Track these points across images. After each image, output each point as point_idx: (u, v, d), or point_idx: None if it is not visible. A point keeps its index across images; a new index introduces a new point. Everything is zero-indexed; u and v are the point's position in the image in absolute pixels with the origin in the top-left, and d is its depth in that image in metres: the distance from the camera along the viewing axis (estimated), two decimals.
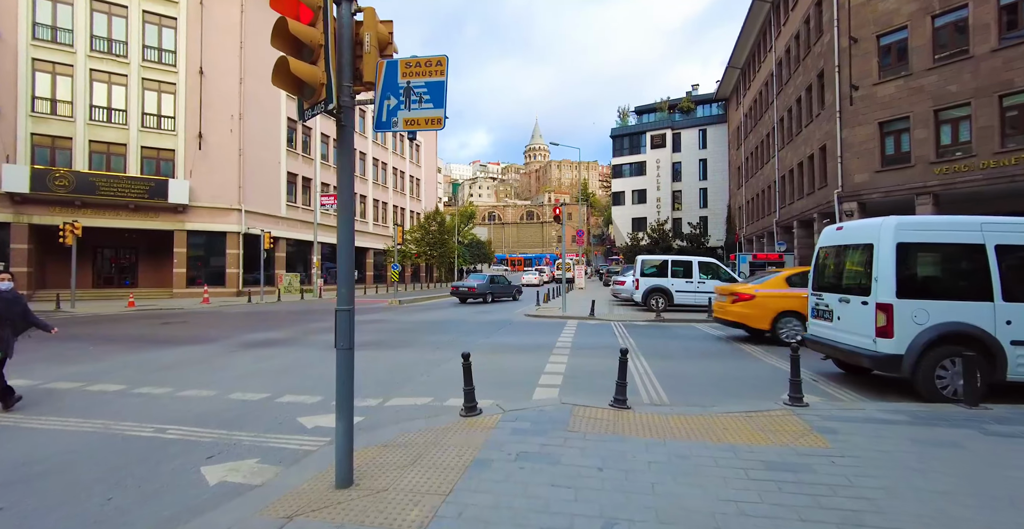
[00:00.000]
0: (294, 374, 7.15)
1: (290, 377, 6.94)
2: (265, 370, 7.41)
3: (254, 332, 11.95)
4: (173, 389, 6.27)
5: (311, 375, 7.05)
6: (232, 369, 7.57)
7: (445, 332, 11.85)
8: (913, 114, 19.33)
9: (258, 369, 7.47)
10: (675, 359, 8.07)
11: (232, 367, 7.73)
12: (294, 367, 7.68)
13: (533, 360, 7.99)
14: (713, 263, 16.29)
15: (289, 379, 6.81)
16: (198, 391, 6.17)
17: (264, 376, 7.02)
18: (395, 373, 7.11)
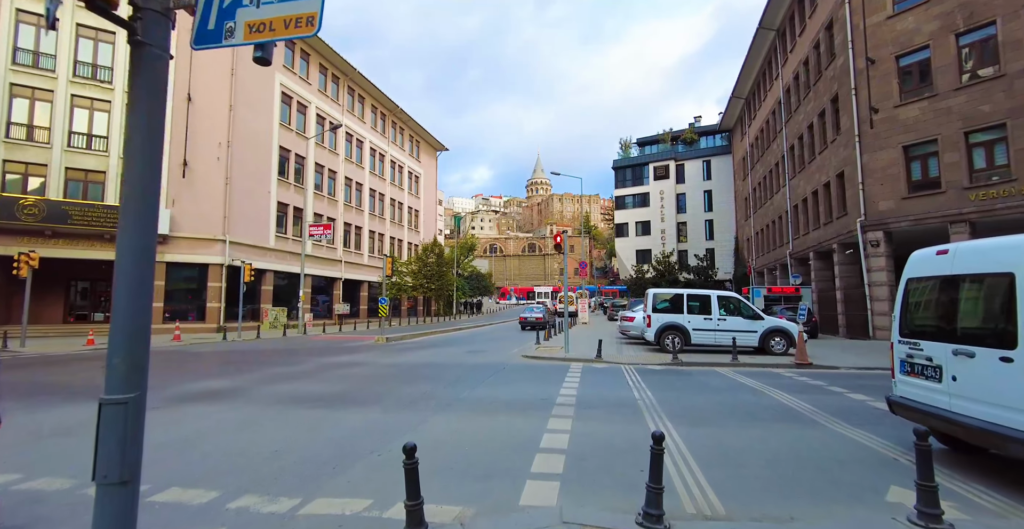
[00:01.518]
0: (207, 446, 5.34)
1: (196, 452, 5.12)
2: (173, 441, 5.60)
3: (201, 379, 10.13)
4: (23, 476, 4.48)
5: (232, 449, 5.24)
6: None
7: (426, 379, 10.01)
8: (941, 137, 17.96)
9: (166, 440, 5.65)
10: (711, 424, 6.21)
11: None
12: (214, 433, 5.86)
13: (527, 425, 6.15)
14: (734, 297, 14.52)
15: (192, 456, 5.00)
16: (50, 480, 4.37)
17: (167, 450, 5.22)
18: (342, 446, 5.29)
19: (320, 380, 10.05)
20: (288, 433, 5.87)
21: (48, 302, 25.40)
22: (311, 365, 12.45)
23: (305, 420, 6.51)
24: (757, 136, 38.34)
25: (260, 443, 5.40)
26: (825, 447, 5.21)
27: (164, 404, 7.69)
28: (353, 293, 39.02)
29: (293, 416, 6.76)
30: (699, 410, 7.01)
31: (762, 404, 7.44)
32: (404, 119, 46.91)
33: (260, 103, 28.96)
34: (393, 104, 43.72)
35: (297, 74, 32.38)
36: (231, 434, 5.83)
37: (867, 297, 20.32)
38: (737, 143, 46.92)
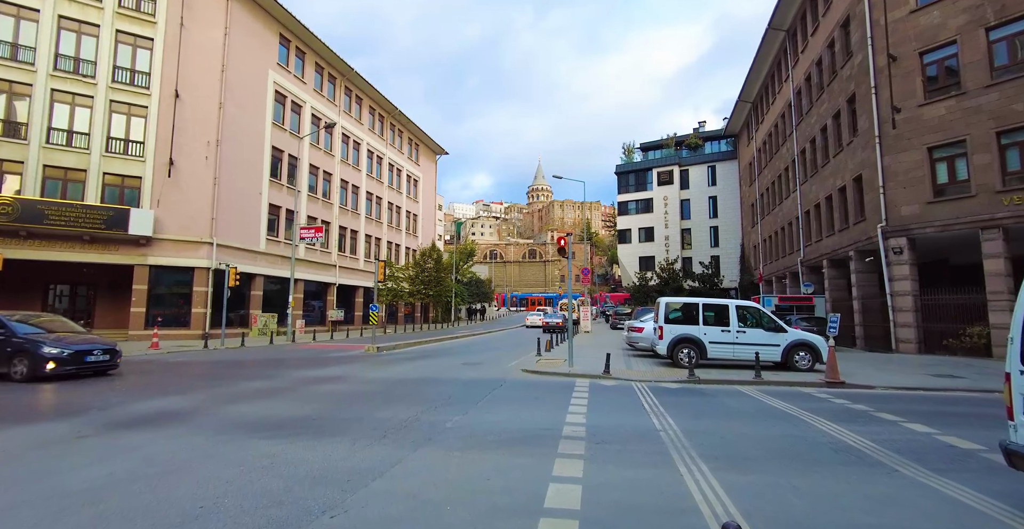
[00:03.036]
0: (114, 500, 4.12)
1: (92, 511, 3.91)
2: (79, 489, 4.38)
3: (156, 396, 8.91)
4: None
5: (141, 506, 4.02)
6: (35, 481, 4.56)
7: (411, 400, 8.77)
8: (970, 137, 16.84)
9: (71, 487, 4.44)
10: (759, 468, 4.97)
11: (45, 473, 4.74)
12: (132, 478, 4.64)
13: (526, 470, 4.93)
14: (754, 307, 13.31)
15: (82, 519, 3.78)
16: None
17: (56, 505, 4.02)
18: (287, 502, 4.06)
19: (291, 399, 8.83)
20: (227, 477, 4.66)
21: (24, 307, 24.08)
22: (287, 380, 11.22)
23: (256, 457, 5.30)
24: (765, 140, 37.28)
25: (182, 496, 4.19)
26: (923, 513, 3.97)
27: (97, 431, 6.47)
28: (348, 299, 37.82)
29: (242, 451, 5.55)
30: (737, 447, 5.78)
31: (810, 439, 6.20)
32: (403, 121, 45.92)
33: (252, 101, 27.92)
34: (392, 106, 42.75)
35: (292, 73, 31.38)
36: (154, 479, 4.61)
37: (889, 307, 19.11)
38: (743, 148, 45.89)
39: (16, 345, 10.66)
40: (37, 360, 10.47)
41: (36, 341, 10.76)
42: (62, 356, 10.66)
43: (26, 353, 10.54)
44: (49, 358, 10.53)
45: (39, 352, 10.52)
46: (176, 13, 24.62)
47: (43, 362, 10.49)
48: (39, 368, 10.46)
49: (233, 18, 26.47)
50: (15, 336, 10.80)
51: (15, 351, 10.57)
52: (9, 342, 10.71)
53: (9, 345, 10.66)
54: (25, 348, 10.58)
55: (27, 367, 10.48)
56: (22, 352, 10.56)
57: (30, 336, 10.91)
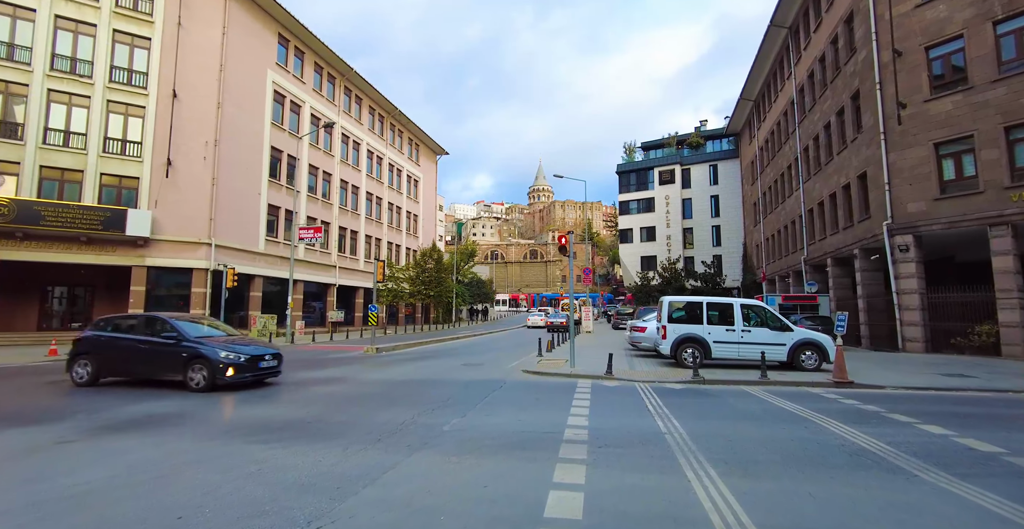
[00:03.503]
0: (90, 511, 3.90)
1: (64, 525, 3.69)
2: (56, 497, 4.16)
3: (146, 400, 8.69)
4: None
5: (119, 515, 3.80)
6: (14, 489, 4.36)
7: (410, 402, 8.54)
8: (978, 132, 16.57)
9: (49, 495, 4.23)
10: (770, 474, 4.72)
11: (27, 480, 4.54)
12: (114, 487, 4.42)
13: (526, 475, 4.70)
14: (759, 306, 13.05)
15: (67, 524, 3.57)
16: None
17: (47, 508, 3.81)
18: (271, 511, 3.84)
19: (287, 402, 8.61)
20: (211, 485, 4.44)
21: (21, 308, 24.02)
22: (284, 382, 10.99)
23: (244, 463, 5.08)
24: (767, 138, 37.01)
25: (162, 505, 3.97)
26: (949, 523, 3.71)
27: (83, 435, 6.25)
28: (348, 299, 37.62)
29: (231, 456, 5.33)
30: (745, 450, 5.53)
31: (822, 441, 5.95)
32: (403, 122, 45.73)
33: (251, 101, 27.73)
34: (391, 106, 42.56)
35: (291, 72, 31.20)
36: (135, 487, 4.39)
37: (895, 306, 18.83)
38: (745, 147, 45.62)
39: (190, 350, 9.60)
40: (215, 367, 9.37)
41: (211, 345, 9.73)
42: (240, 362, 9.57)
43: (203, 359, 9.45)
44: (229, 364, 9.44)
45: (218, 357, 9.43)
46: (174, 12, 24.45)
47: (223, 369, 9.40)
48: (219, 376, 9.39)
49: (231, 17, 26.30)
50: (185, 339, 9.78)
51: (191, 357, 9.52)
52: (181, 347, 9.68)
53: (183, 350, 9.61)
54: (201, 353, 9.49)
55: (207, 375, 9.39)
56: (199, 358, 9.47)
57: (202, 339, 9.95)
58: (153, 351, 9.85)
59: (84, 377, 10.13)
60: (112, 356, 10.16)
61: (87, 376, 10.12)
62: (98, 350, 10.17)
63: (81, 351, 10.29)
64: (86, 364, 10.16)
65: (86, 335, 10.50)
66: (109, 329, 10.57)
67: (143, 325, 10.40)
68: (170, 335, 9.82)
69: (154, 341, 9.92)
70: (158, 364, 9.83)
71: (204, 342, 9.80)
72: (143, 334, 10.15)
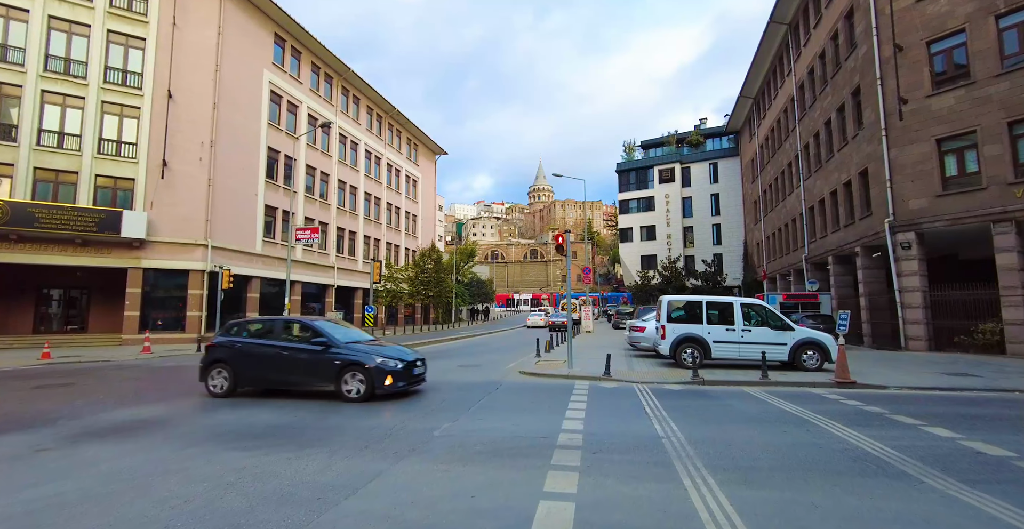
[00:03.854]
0: (64, 519, 3.72)
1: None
2: (18, 512, 3.97)
3: (131, 405, 8.51)
4: None
5: (85, 526, 3.61)
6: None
7: (400, 406, 8.33)
8: (981, 128, 16.35)
9: (9, 510, 4.04)
10: (772, 482, 4.52)
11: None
12: (81, 501, 4.24)
13: (516, 485, 4.50)
14: (759, 305, 12.84)
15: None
16: None
17: (11, 524, 3.62)
18: (239, 527, 3.64)
19: (275, 406, 8.41)
20: (187, 495, 4.25)
21: (16, 311, 23.89)
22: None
23: (222, 472, 4.88)
24: (767, 136, 36.78)
25: (132, 517, 3.79)
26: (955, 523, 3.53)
27: (60, 443, 6.07)
28: (347, 300, 37.44)
29: (210, 465, 5.13)
30: (745, 456, 5.32)
31: (825, 446, 5.74)
32: (402, 122, 45.54)
33: (247, 101, 27.56)
34: (389, 106, 42.38)
35: (287, 72, 31.02)
36: (106, 499, 4.20)
37: (897, 304, 18.62)
38: (745, 145, 45.39)
39: (343, 357, 8.80)
40: (373, 375, 8.61)
41: (364, 351, 8.99)
42: (398, 369, 8.78)
43: (359, 366, 8.67)
44: (387, 371, 8.67)
45: (375, 364, 8.68)
46: (168, 12, 24.28)
47: (381, 376, 8.63)
48: (377, 384, 8.61)
49: (227, 17, 26.13)
50: (334, 345, 8.96)
51: (345, 364, 8.72)
52: (332, 353, 8.86)
53: (335, 357, 8.80)
54: (356, 360, 8.73)
55: (364, 384, 8.61)
56: (354, 365, 8.70)
57: (352, 345, 9.19)
58: (300, 359, 8.97)
59: (221, 387, 9.21)
60: (251, 364, 9.25)
61: (224, 386, 9.20)
62: (235, 358, 9.29)
63: (216, 359, 9.38)
64: (222, 373, 9.27)
65: (219, 341, 9.64)
66: (244, 334, 9.73)
67: (283, 330, 9.61)
68: (319, 341, 9.00)
69: (300, 348, 9.07)
70: (307, 373, 8.98)
71: (355, 348, 9.06)
72: (285, 340, 9.34)
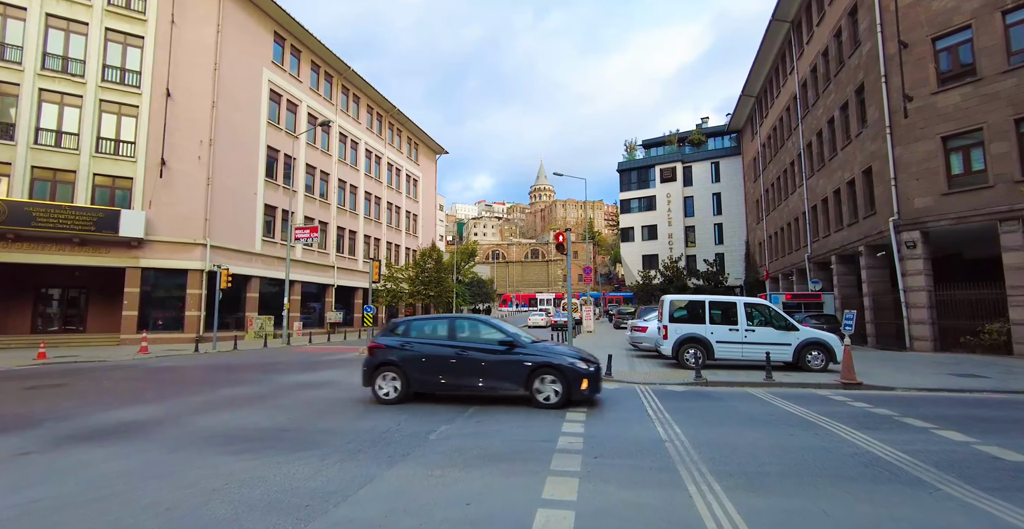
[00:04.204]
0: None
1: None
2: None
3: (122, 406, 8.33)
4: None
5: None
6: None
7: (395, 409, 8.16)
8: (987, 125, 16.13)
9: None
10: (780, 489, 4.32)
11: None
12: (57, 508, 4.07)
13: (513, 491, 4.31)
14: (763, 305, 12.64)
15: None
16: None
17: None
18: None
19: (268, 407, 8.24)
20: (170, 503, 4.08)
21: (15, 311, 23.76)
22: (270, 385, 10.64)
23: (209, 477, 4.71)
24: (769, 135, 36.56)
25: (110, 527, 3.59)
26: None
27: (45, 446, 5.89)
28: (347, 300, 37.31)
29: (197, 470, 4.96)
30: (752, 461, 5.13)
31: (834, 450, 5.55)
32: (402, 121, 45.38)
33: (246, 100, 27.41)
34: (390, 105, 42.21)
35: (287, 71, 30.87)
36: (86, 506, 4.03)
37: (902, 304, 18.40)
38: (747, 144, 45.16)
39: (535, 358, 8.02)
40: (570, 378, 7.84)
41: (555, 351, 8.37)
42: (592, 371, 8.03)
43: (554, 369, 7.90)
44: (583, 375, 7.88)
45: (574, 367, 7.89)
46: (167, 10, 24.13)
47: (577, 380, 7.85)
48: (573, 388, 7.85)
49: (225, 15, 25.98)
50: (520, 345, 8.20)
51: (537, 367, 7.93)
52: (520, 355, 8.07)
53: (526, 359, 8.01)
54: (551, 362, 7.94)
55: (561, 388, 7.83)
56: (548, 368, 7.92)
57: (539, 345, 8.50)
58: (483, 360, 8.18)
59: (392, 392, 8.39)
60: (426, 367, 8.40)
61: (395, 391, 8.38)
62: (407, 360, 8.45)
63: (384, 361, 8.54)
64: (392, 377, 8.43)
65: (385, 342, 8.81)
66: (413, 334, 8.91)
67: (456, 328, 8.75)
68: (503, 340, 8.25)
69: (481, 348, 8.30)
70: (493, 376, 8.15)
71: (543, 348, 8.39)
72: (464, 340, 8.53)
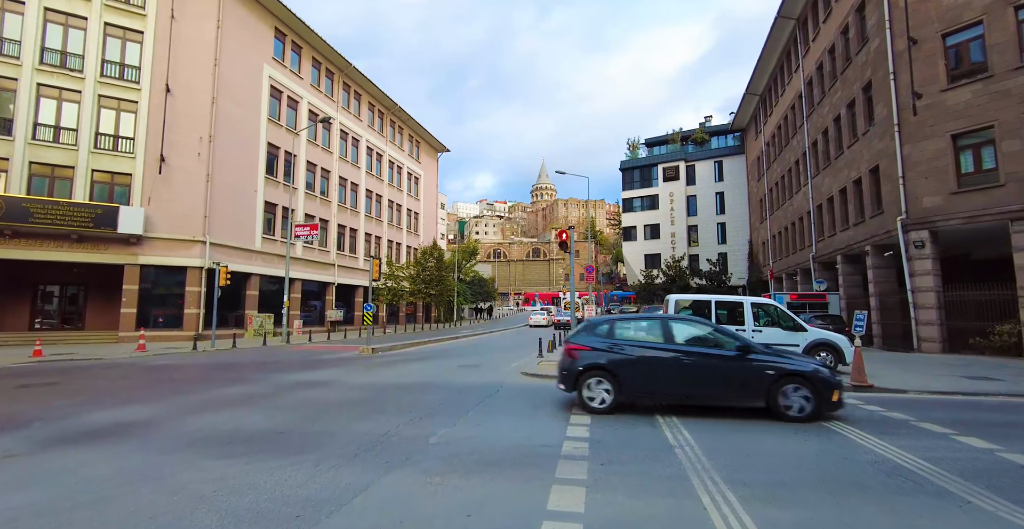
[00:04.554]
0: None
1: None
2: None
3: (113, 406, 8.12)
4: None
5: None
6: None
7: (395, 409, 7.93)
8: (998, 123, 15.84)
9: None
10: (796, 499, 4.05)
11: None
12: (35, 515, 3.86)
13: (515, 501, 4.07)
14: (771, 305, 12.40)
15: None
16: None
17: None
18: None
19: (264, 408, 8.02)
20: (154, 511, 3.86)
21: (13, 308, 23.58)
22: (267, 385, 10.42)
23: (198, 483, 4.48)
24: (774, 133, 36.25)
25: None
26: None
27: (30, 448, 5.68)
28: (348, 298, 37.11)
29: (186, 474, 4.74)
30: (767, 468, 4.90)
31: (851, 457, 5.31)
32: (403, 118, 45.13)
33: (246, 96, 27.19)
34: (391, 102, 41.96)
35: (288, 67, 30.64)
36: (64, 514, 3.81)
37: (910, 304, 18.12)
38: (751, 142, 44.84)
39: (776, 364, 7.17)
40: (820, 387, 6.97)
41: (799, 358, 7.60)
42: (839, 382, 7.28)
43: (800, 378, 7.03)
44: (833, 385, 7.06)
45: (825, 377, 7.07)
46: (167, 5, 23.90)
47: (828, 391, 7.00)
48: (824, 401, 6.99)
49: (226, 11, 25.74)
50: (753, 350, 7.39)
51: (783, 374, 7.06)
52: (757, 361, 7.22)
53: (766, 365, 7.14)
54: (796, 370, 7.08)
55: (811, 399, 6.96)
56: (793, 377, 7.04)
57: (779, 349, 7.83)
58: (713, 367, 7.32)
59: (605, 401, 7.46)
60: (643, 373, 7.53)
61: (608, 399, 7.46)
62: (619, 365, 7.54)
63: (592, 365, 7.60)
64: (602, 384, 7.51)
65: (588, 343, 7.88)
66: (619, 335, 7.94)
67: (671, 331, 7.80)
68: (736, 344, 7.45)
69: (708, 353, 7.42)
70: (727, 384, 7.32)
71: (780, 354, 7.51)
72: (684, 344, 7.66)
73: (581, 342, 7.98)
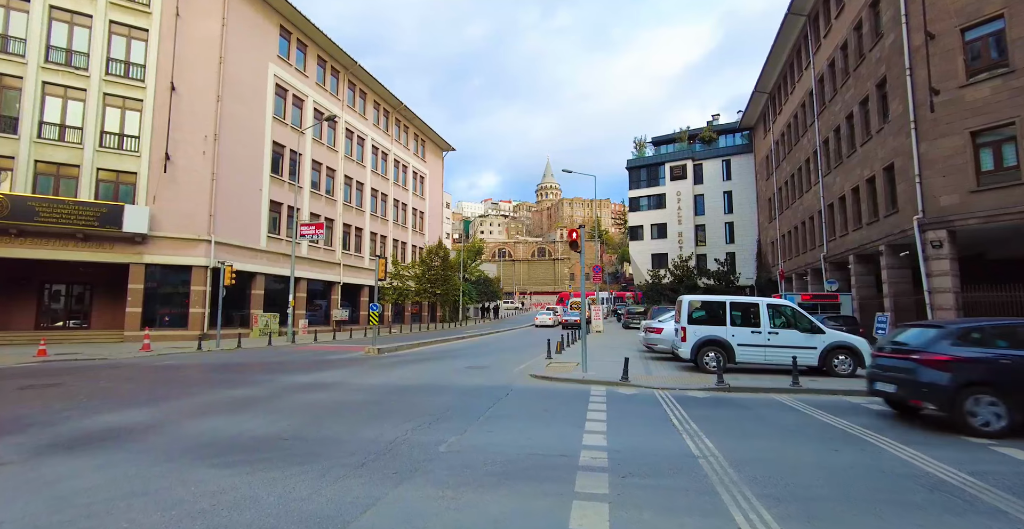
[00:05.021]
0: None
1: None
2: None
3: (112, 410, 7.91)
4: None
5: None
6: None
7: (403, 413, 7.67)
8: (1020, 119, 15.42)
9: None
10: (836, 517, 3.75)
11: None
12: (30, 525, 3.62)
13: (534, 520, 3.80)
14: (788, 306, 12.07)
15: None
16: None
17: None
18: None
19: (267, 412, 7.78)
20: (144, 527, 3.59)
21: (18, 307, 23.51)
22: (271, 387, 10.18)
23: (195, 496, 4.24)
24: (783, 132, 35.77)
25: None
26: None
27: (24, 455, 5.45)
28: (353, 298, 36.95)
29: (183, 486, 4.49)
30: (799, 482, 4.59)
31: (888, 470, 4.99)
32: (408, 117, 44.92)
33: (251, 95, 27.03)
34: (396, 101, 41.77)
35: (293, 66, 30.46)
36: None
37: (927, 305, 17.68)
38: (760, 141, 44.34)
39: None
40: (1017, 396, 6.35)
41: None
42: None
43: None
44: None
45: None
46: (172, 3, 23.77)
47: None
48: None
49: (231, 9, 25.59)
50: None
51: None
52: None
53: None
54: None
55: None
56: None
57: None
58: None
59: (991, 423, 6.39)
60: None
61: (1000, 421, 6.36)
62: (1009, 380, 6.41)
63: (971, 381, 6.50)
64: (990, 402, 6.42)
65: (966, 354, 6.66)
66: (999, 344, 6.82)
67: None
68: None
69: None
70: None
71: None
72: None
73: (955, 353, 6.71)
